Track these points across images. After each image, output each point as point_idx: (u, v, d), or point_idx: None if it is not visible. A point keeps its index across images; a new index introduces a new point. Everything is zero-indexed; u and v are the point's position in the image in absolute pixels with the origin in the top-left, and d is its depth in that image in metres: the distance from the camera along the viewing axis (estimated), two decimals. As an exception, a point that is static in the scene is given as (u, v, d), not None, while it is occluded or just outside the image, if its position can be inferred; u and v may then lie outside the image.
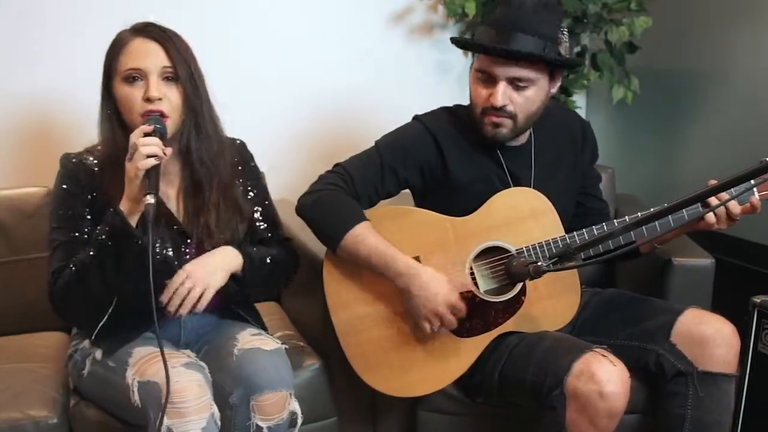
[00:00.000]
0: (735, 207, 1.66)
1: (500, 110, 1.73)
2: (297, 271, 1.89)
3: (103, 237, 1.55)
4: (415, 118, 1.89)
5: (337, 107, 2.68)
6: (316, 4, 2.62)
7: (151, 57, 1.62)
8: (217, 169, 1.71)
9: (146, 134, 1.52)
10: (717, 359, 1.70)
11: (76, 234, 1.64)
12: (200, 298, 1.62)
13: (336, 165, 1.86)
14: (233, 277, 1.69)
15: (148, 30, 1.65)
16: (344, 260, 1.80)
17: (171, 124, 1.62)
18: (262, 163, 2.34)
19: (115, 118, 1.66)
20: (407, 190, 1.91)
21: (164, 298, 1.61)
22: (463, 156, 1.83)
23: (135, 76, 1.61)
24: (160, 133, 1.54)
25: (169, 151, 1.55)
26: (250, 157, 1.87)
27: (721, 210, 1.66)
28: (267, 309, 2.23)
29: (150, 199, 1.46)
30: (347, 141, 2.55)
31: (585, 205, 1.96)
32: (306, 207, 1.81)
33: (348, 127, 2.67)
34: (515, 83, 1.71)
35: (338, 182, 1.80)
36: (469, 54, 2.76)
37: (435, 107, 1.94)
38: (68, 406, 1.76)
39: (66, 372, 1.81)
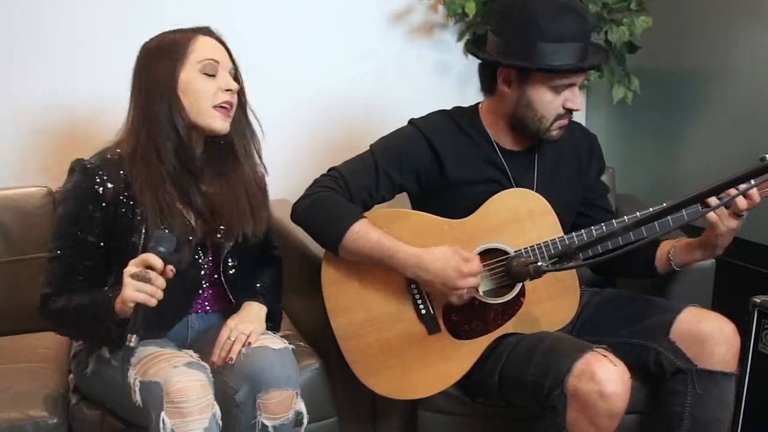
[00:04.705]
0: (741, 202, 1.65)
1: (571, 112, 1.76)
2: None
3: (93, 309, 1.54)
4: (411, 122, 1.88)
5: (337, 107, 2.68)
6: (315, 4, 2.62)
7: (222, 55, 1.69)
8: (250, 167, 1.78)
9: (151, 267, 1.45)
10: (716, 357, 1.70)
11: (77, 255, 1.61)
12: (248, 337, 1.66)
13: (331, 169, 1.86)
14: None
15: (211, 31, 1.71)
16: (342, 264, 1.80)
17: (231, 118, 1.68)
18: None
19: (177, 108, 1.63)
20: (405, 193, 1.91)
21: (215, 358, 1.64)
22: (461, 159, 1.82)
23: (212, 73, 1.65)
24: (166, 260, 1.46)
25: (162, 283, 1.46)
26: None
27: (721, 210, 1.65)
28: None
29: (132, 342, 1.41)
30: (347, 141, 2.55)
31: (593, 217, 1.93)
32: (301, 211, 1.81)
33: (348, 127, 2.67)
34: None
35: (332, 185, 1.80)
36: (470, 54, 2.76)
37: (435, 107, 1.94)
38: (68, 406, 1.77)
39: (67, 370, 1.81)
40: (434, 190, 1.85)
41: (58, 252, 1.62)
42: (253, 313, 1.73)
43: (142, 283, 1.43)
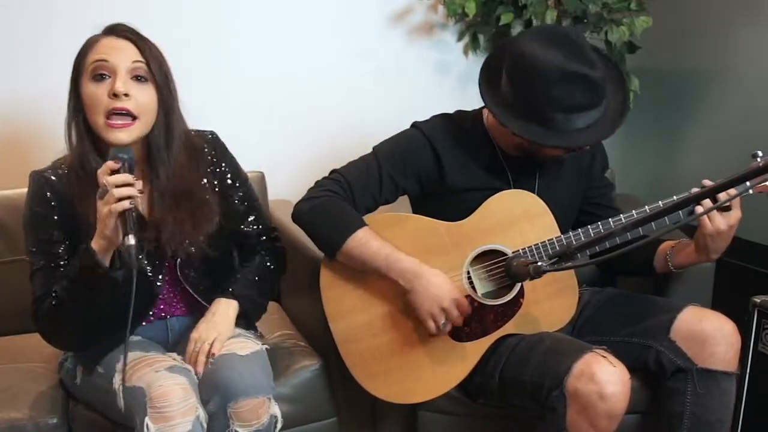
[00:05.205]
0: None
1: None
2: (285, 270, 1.89)
3: (76, 274, 1.52)
4: (414, 125, 1.88)
5: (337, 107, 2.68)
6: (315, 4, 2.62)
7: (120, 53, 1.57)
8: (182, 172, 1.67)
9: (114, 171, 1.44)
10: (717, 357, 1.70)
11: (53, 258, 1.61)
12: (212, 347, 1.62)
13: (333, 171, 1.85)
14: (239, 316, 1.72)
15: (118, 29, 1.61)
16: (341, 268, 1.79)
17: (141, 126, 1.58)
18: (261, 163, 2.34)
19: (82, 121, 1.60)
20: (405, 196, 1.90)
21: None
22: (462, 165, 1.82)
23: (102, 74, 1.55)
24: (128, 165, 1.46)
25: (139, 184, 1.47)
26: (225, 148, 1.81)
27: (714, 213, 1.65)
28: (267, 309, 2.23)
29: (130, 240, 1.39)
30: (347, 141, 2.56)
31: (598, 215, 1.89)
32: (304, 213, 1.80)
33: (348, 128, 2.67)
34: None
35: (336, 189, 1.79)
36: (470, 54, 2.76)
37: (435, 107, 1.93)
38: (68, 407, 1.77)
39: (58, 379, 1.81)
40: (434, 193, 1.85)
41: (35, 266, 1.63)
42: (219, 313, 1.69)
43: (107, 195, 1.42)
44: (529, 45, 1.67)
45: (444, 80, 2.80)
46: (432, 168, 1.82)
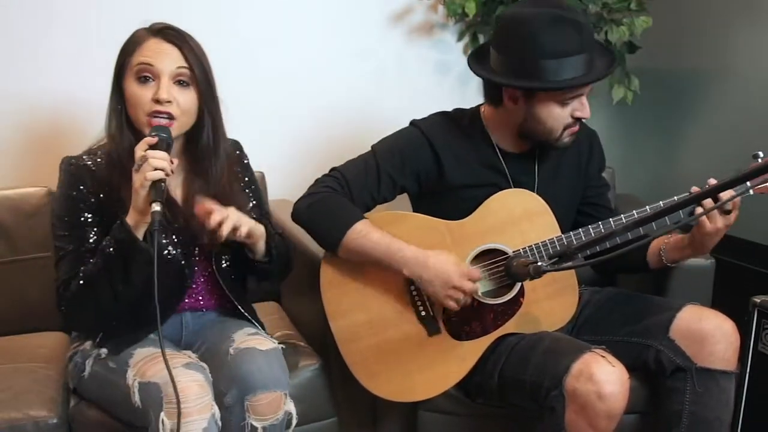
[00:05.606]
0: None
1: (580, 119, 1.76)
2: (292, 266, 1.88)
3: (111, 249, 1.55)
4: (412, 123, 1.88)
5: (337, 107, 2.68)
6: (316, 4, 2.62)
7: (165, 58, 1.62)
8: (224, 171, 1.73)
9: (151, 146, 1.52)
10: (716, 356, 1.70)
11: (83, 243, 1.63)
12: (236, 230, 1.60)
13: (332, 169, 1.86)
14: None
15: (165, 32, 1.65)
16: (341, 267, 1.80)
17: (178, 127, 1.63)
18: (261, 163, 2.34)
19: (123, 114, 1.65)
20: (404, 193, 1.91)
21: (198, 210, 1.61)
22: (461, 163, 1.82)
23: (147, 75, 1.61)
24: (166, 143, 1.54)
25: (176, 162, 1.56)
26: (245, 156, 1.89)
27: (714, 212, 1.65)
28: (267, 309, 2.24)
29: (156, 207, 1.45)
30: (347, 141, 2.56)
31: (593, 215, 1.92)
32: (303, 210, 1.80)
33: (347, 127, 2.67)
34: None
35: (335, 186, 1.80)
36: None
37: (435, 107, 1.94)
38: (68, 406, 1.76)
39: (66, 373, 1.81)
40: (433, 192, 1.85)
41: (62, 252, 1.63)
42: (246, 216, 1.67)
43: (143, 165, 1.48)
44: (513, 10, 1.75)
45: (444, 80, 2.80)
46: (431, 166, 1.83)
